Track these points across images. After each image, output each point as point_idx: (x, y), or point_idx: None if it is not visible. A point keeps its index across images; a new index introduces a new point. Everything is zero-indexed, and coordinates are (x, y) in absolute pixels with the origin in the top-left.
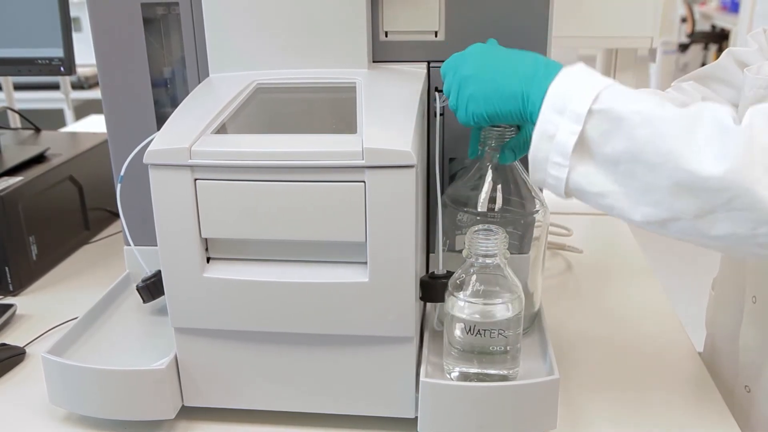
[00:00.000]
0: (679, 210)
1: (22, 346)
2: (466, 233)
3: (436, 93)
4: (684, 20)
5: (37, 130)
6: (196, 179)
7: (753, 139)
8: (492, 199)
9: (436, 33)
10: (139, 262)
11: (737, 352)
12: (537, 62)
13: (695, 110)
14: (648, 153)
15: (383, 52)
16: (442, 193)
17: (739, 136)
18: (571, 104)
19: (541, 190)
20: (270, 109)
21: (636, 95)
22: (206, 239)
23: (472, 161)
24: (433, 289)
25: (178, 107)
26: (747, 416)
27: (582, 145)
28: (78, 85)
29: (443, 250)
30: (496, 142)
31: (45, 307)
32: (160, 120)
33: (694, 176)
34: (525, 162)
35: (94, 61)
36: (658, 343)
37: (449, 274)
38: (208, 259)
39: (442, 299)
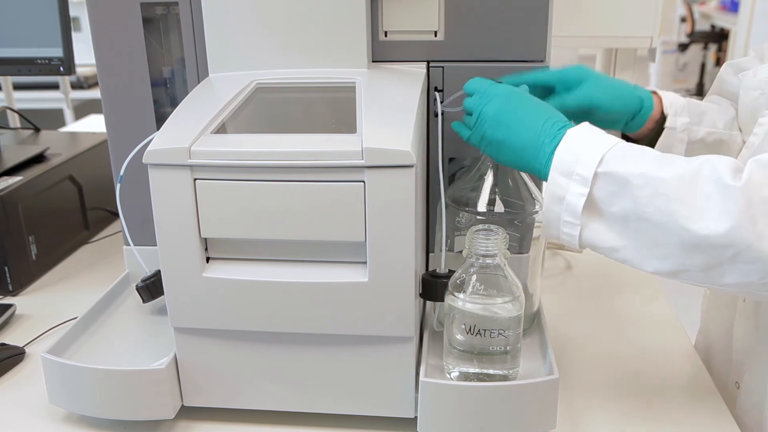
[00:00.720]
0: (688, 264)
1: (21, 346)
2: (466, 234)
3: (436, 93)
4: (683, 20)
5: (37, 129)
6: (195, 179)
7: (753, 195)
8: (492, 200)
9: (435, 33)
10: (138, 261)
11: (730, 349)
12: (548, 120)
13: (695, 167)
14: (652, 213)
15: (383, 51)
16: (445, 190)
17: (739, 193)
18: (577, 168)
19: (540, 190)
20: (270, 108)
21: (639, 156)
22: (206, 239)
23: (472, 162)
24: (433, 287)
25: (178, 107)
26: (735, 412)
27: (591, 205)
28: (77, 85)
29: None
30: None
31: (44, 306)
32: (160, 120)
33: (697, 235)
34: None
35: (93, 60)
36: (657, 342)
37: (451, 273)
38: (207, 259)
39: (442, 299)
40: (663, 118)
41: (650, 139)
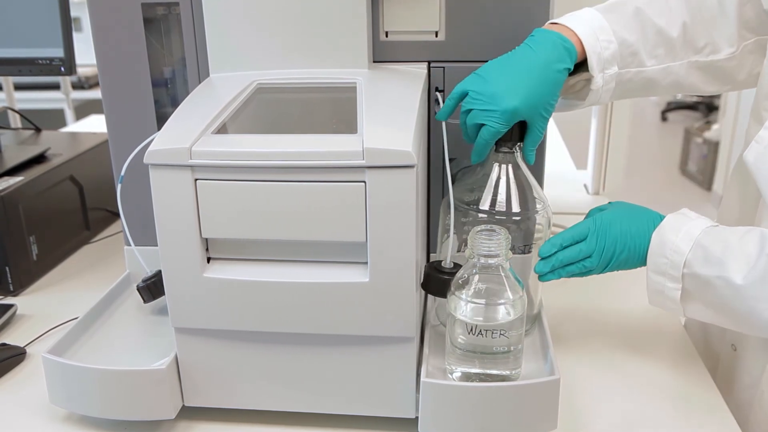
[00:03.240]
0: None
1: (22, 346)
2: (468, 234)
3: (437, 93)
4: None
5: (38, 130)
6: (196, 179)
7: None
8: (494, 201)
9: (436, 33)
10: (139, 262)
11: None
12: (651, 226)
13: (764, 265)
14: (737, 307)
15: (384, 52)
16: (453, 182)
17: None
18: (668, 269)
19: (542, 187)
20: (270, 109)
21: (716, 257)
22: (207, 239)
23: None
24: (438, 282)
25: (179, 107)
26: (731, 377)
27: (686, 294)
28: (78, 85)
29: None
30: (503, 148)
31: (45, 307)
32: (161, 120)
33: None
34: (525, 163)
35: (94, 61)
36: (660, 344)
37: (457, 267)
38: (208, 259)
39: (444, 294)
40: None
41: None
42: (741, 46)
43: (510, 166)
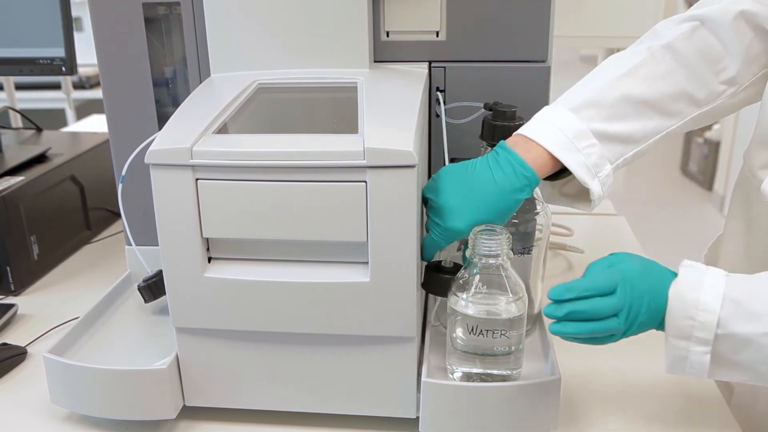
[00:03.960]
0: None
1: (23, 345)
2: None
3: (438, 93)
4: None
5: (39, 129)
6: (197, 179)
7: None
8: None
9: (437, 33)
10: (140, 261)
11: None
12: (666, 281)
13: None
14: None
15: (384, 52)
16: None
17: None
18: (695, 332)
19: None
20: (271, 109)
21: (755, 311)
22: (207, 239)
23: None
24: (438, 282)
25: (180, 107)
26: (750, 410)
27: (716, 357)
28: (79, 85)
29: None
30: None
31: (46, 306)
32: (162, 120)
33: None
34: None
35: (95, 60)
36: (662, 344)
37: (457, 267)
38: (209, 259)
39: (445, 294)
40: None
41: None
42: (746, 83)
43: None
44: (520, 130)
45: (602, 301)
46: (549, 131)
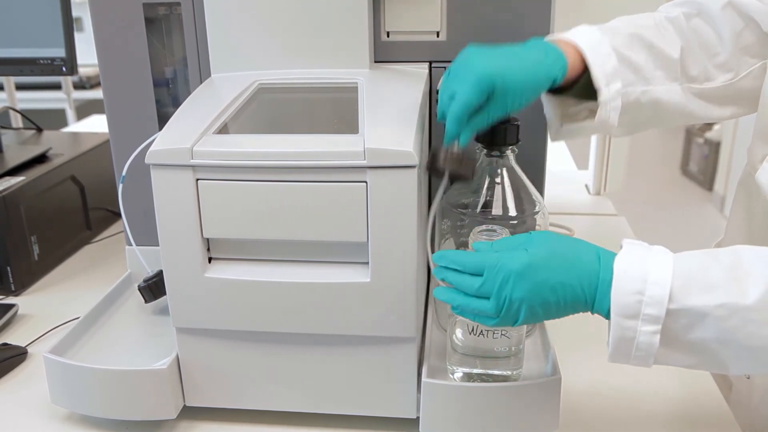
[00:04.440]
0: None
1: (23, 345)
2: (465, 237)
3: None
4: None
5: (39, 130)
6: (197, 179)
7: None
8: (489, 204)
9: (438, 33)
10: (140, 262)
11: None
12: (586, 272)
13: None
14: (744, 338)
15: (385, 52)
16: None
17: None
18: (643, 308)
19: (541, 193)
20: (272, 109)
21: (709, 282)
22: (208, 239)
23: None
24: (445, 160)
25: (180, 107)
26: (747, 405)
27: (665, 337)
28: (80, 85)
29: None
30: (494, 152)
31: (46, 306)
32: (162, 120)
33: None
34: (524, 163)
35: (95, 61)
36: None
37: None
38: (209, 259)
39: (441, 175)
40: (585, 70)
41: (575, 93)
42: (744, 73)
43: (504, 170)
44: (549, 36)
45: (468, 279)
46: (576, 34)
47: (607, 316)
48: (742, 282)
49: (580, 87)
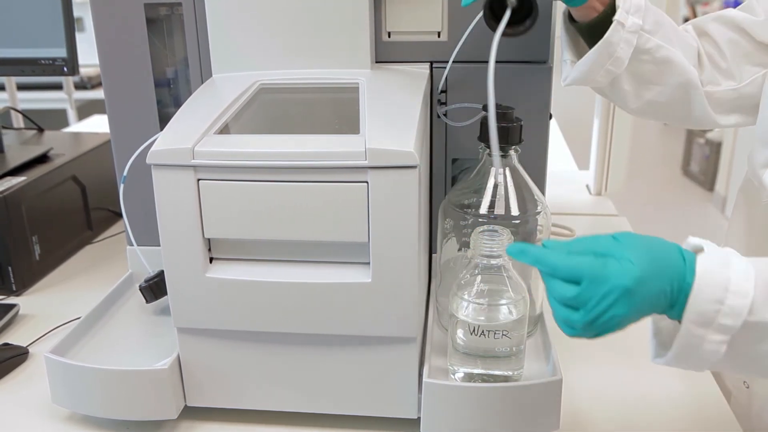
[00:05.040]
0: None
1: (24, 345)
2: (468, 236)
3: (440, 93)
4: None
5: (40, 130)
6: (199, 179)
7: None
8: (492, 204)
9: (439, 33)
10: (141, 262)
11: None
12: (679, 259)
13: None
14: None
15: (386, 52)
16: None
17: None
18: (719, 318)
19: (542, 193)
20: (273, 109)
21: None
22: (209, 239)
23: (473, 164)
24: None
25: (181, 107)
26: (747, 414)
27: (731, 348)
28: (81, 86)
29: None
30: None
31: (48, 306)
32: (163, 120)
33: None
34: (525, 163)
35: (97, 61)
36: None
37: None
38: (210, 260)
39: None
40: (613, 5)
41: (592, 26)
42: (747, 80)
43: (507, 169)
44: None
45: (560, 285)
46: None
47: (677, 317)
48: None
49: (597, 23)
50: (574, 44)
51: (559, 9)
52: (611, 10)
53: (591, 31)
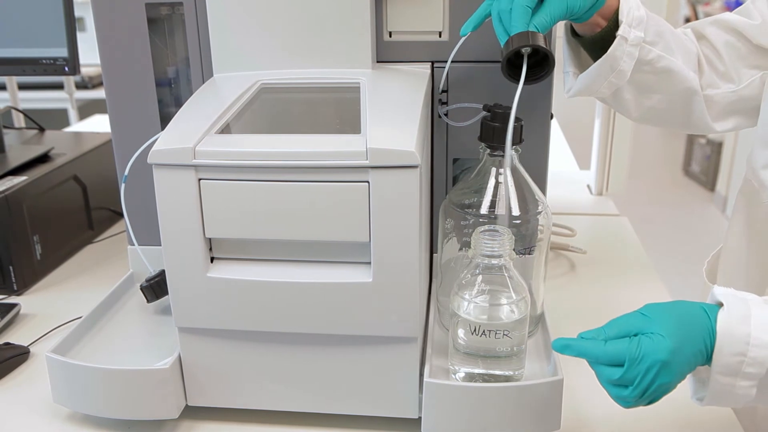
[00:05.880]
0: None
1: (26, 345)
2: (469, 236)
3: (441, 93)
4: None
5: (42, 129)
6: (200, 179)
7: None
8: (493, 204)
9: (440, 33)
10: (142, 261)
11: None
12: (704, 316)
13: None
14: None
15: (387, 52)
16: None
17: None
18: (744, 368)
19: (543, 193)
20: (274, 109)
21: None
22: (210, 239)
23: (474, 163)
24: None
25: (182, 107)
26: (752, 414)
27: (760, 386)
28: (82, 85)
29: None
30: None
31: (49, 306)
32: (164, 120)
33: None
34: (526, 163)
35: (98, 61)
36: None
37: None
38: (211, 259)
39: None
40: (615, 20)
41: (595, 40)
42: (745, 82)
43: (510, 168)
44: None
45: (606, 369)
46: None
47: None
48: None
49: (599, 37)
50: (576, 56)
51: None
52: (614, 24)
53: (593, 44)
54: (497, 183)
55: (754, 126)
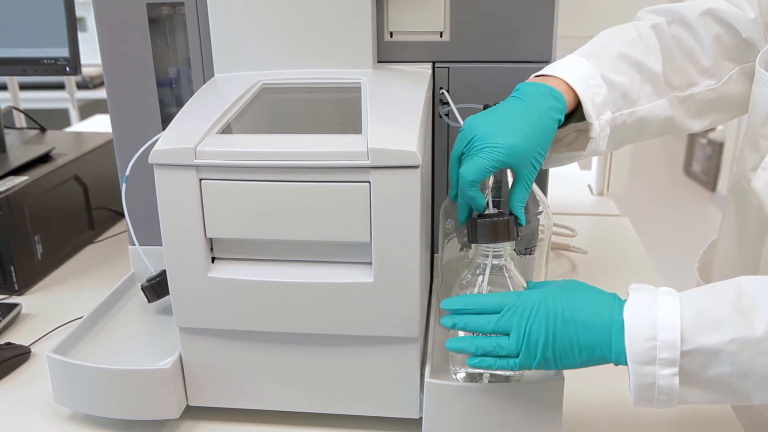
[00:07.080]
0: None
1: (27, 345)
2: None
3: (442, 93)
4: None
5: (43, 129)
6: (201, 179)
7: None
8: (495, 202)
9: (441, 33)
10: (143, 261)
11: None
12: (601, 314)
13: None
14: (759, 370)
15: (388, 52)
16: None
17: None
18: (658, 353)
19: (544, 193)
20: (275, 109)
21: (717, 318)
22: (211, 239)
23: None
24: (490, 226)
25: (183, 107)
26: (747, 409)
27: (684, 377)
28: (83, 85)
29: (445, 243)
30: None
31: (50, 306)
32: (165, 120)
33: None
34: None
35: (99, 61)
36: None
37: (501, 213)
38: (213, 259)
39: (495, 238)
40: (576, 104)
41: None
42: (725, 77)
43: (508, 170)
44: (538, 73)
45: (487, 316)
46: (565, 69)
47: (626, 363)
48: (749, 315)
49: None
50: None
51: (560, 10)
52: (578, 103)
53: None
54: (498, 183)
55: (730, 120)
